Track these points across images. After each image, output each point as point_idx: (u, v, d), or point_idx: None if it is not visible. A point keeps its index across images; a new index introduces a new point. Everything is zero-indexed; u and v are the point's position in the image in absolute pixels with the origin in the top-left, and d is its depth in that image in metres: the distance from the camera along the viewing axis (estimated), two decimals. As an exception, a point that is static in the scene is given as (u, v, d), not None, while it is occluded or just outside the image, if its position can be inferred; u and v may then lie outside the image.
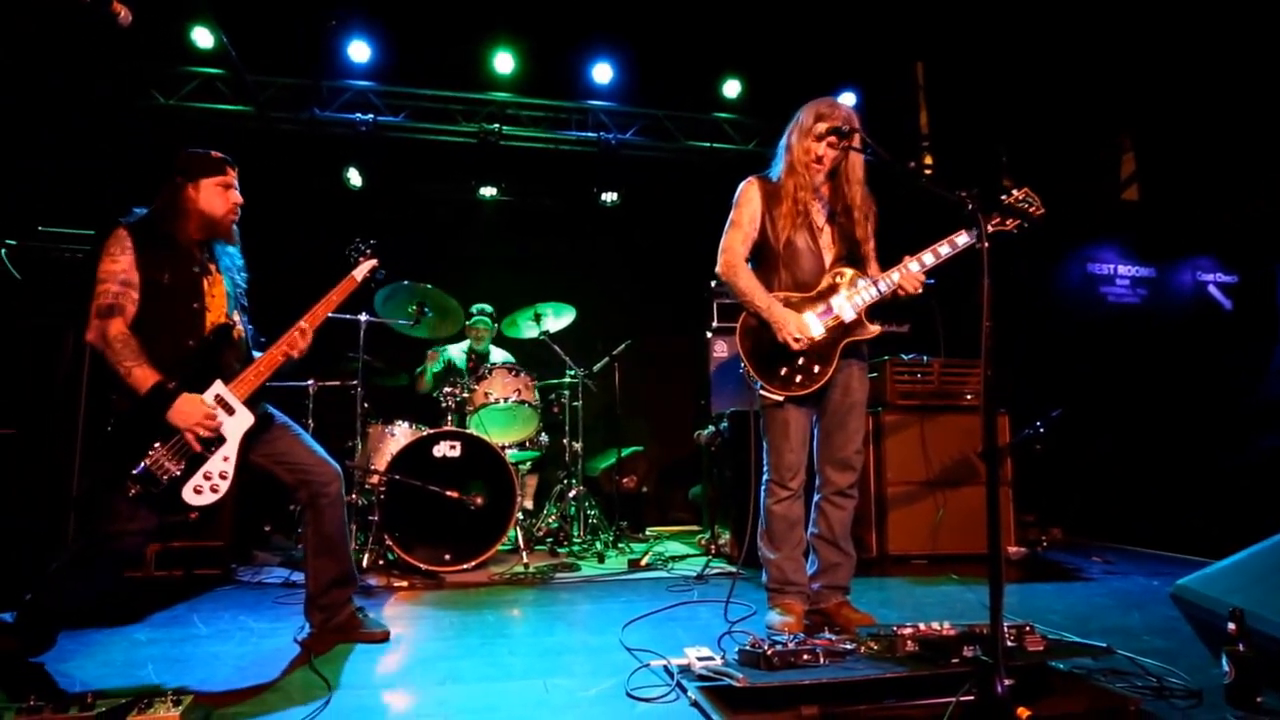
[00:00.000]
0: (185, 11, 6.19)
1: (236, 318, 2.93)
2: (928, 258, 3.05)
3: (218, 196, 2.90)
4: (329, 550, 3.01)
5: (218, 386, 2.74)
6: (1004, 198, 2.84)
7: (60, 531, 3.68)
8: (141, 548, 2.69)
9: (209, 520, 4.06)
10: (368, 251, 3.24)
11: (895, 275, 3.05)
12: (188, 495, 2.61)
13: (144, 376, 2.58)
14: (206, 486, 2.64)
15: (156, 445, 2.59)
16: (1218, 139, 7.19)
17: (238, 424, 2.76)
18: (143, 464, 2.56)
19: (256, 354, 2.94)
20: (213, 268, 2.92)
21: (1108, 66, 7.03)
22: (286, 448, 2.94)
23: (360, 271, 3.20)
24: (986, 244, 2.14)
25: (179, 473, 2.61)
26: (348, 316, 4.97)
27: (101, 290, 2.65)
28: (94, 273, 2.70)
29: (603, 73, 7.08)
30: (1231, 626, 2.08)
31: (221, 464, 2.69)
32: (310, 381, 5.35)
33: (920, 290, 3.07)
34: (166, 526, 3.75)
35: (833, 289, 3.09)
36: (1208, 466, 6.27)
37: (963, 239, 3.03)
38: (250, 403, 2.80)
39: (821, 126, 3.01)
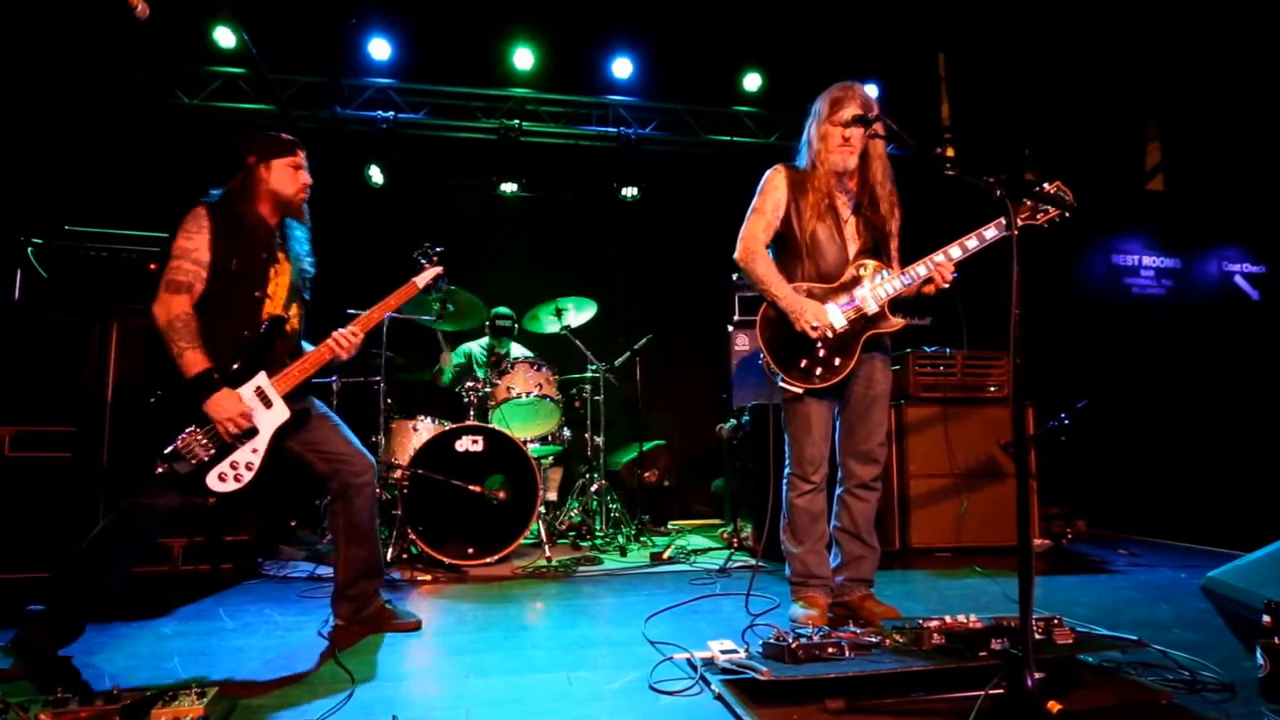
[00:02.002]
0: (207, 11, 6.25)
1: (293, 310, 2.98)
2: (955, 251, 3.01)
3: (289, 176, 2.97)
4: (360, 540, 3.04)
5: (261, 379, 2.79)
6: (1036, 189, 2.78)
7: (88, 526, 3.72)
8: (163, 525, 2.70)
9: (230, 512, 4.10)
10: (434, 258, 3.31)
11: (921, 268, 3.02)
12: (211, 481, 2.66)
13: (194, 361, 2.65)
14: (231, 475, 2.69)
15: (191, 428, 2.64)
16: (1244, 127, 7.07)
17: (273, 418, 2.79)
18: (174, 444, 2.61)
19: (307, 347, 2.99)
20: (281, 256, 2.98)
21: (1132, 54, 6.93)
22: (323, 437, 2.98)
23: (423, 278, 3.24)
24: (1016, 231, 2.11)
25: (207, 458, 2.65)
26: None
27: (174, 266, 2.73)
28: (168, 247, 2.78)
29: (622, 67, 7.08)
30: (1267, 619, 2.04)
31: (249, 455, 2.73)
32: (334, 378, 5.40)
33: (947, 284, 3.03)
34: (193, 520, 3.86)
35: (856, 280, 3.06)
36: (1235, 458, 6.18)
37: (991, 232, 2.97)
38: (291, 398, 2.84)
39: (845, 114, 2.98)
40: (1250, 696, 2.10)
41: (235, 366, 2.75)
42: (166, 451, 2.60)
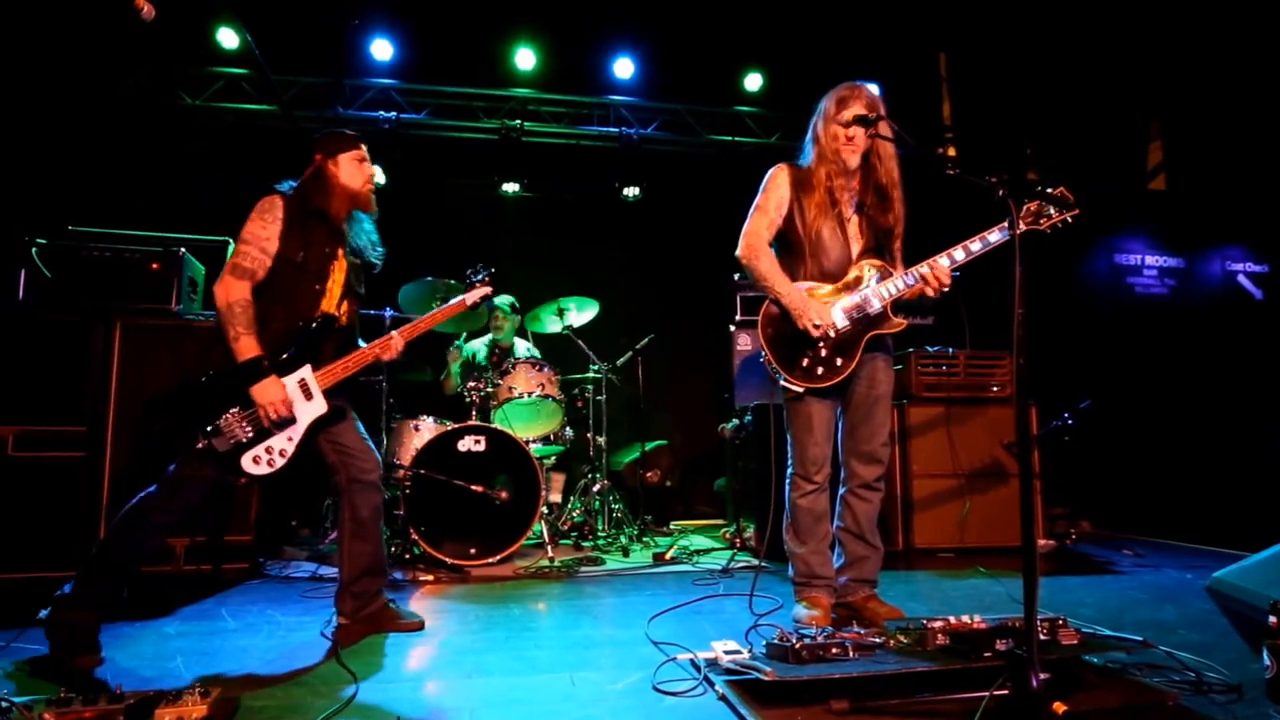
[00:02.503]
0: (210, 12, 6.26)
1: (344, 307, 3.06)
2: (958, 253, 2.98)
3: (355, 169, 3.06)
4: (363, 536, 3.07)
5: (305, 371, 2.87)
6: (1042, 189, 2.77)
7: (93, 525, 3.73)
8: (200, 499, 2.79)
9: (235, 512, 4.11)
10: (485, 278, 3.43)
11: (924, 268, 3.00)
12: (245, 462, 2.76)
13: (247, 346, 2.73)
14: (265, 459, 2.79)
15: (235, 409, 2.74)
16: (1247, 126, 7.06)
17: (311, 410, 2.88)
18: (217, 422, 2.72)
19: (361, 343, 3.11)
20: (342, 251, 3.04)
21: (1134, 53, 6.92)
22: (340, 429, 3.04)
23: (473, 296, 3.38)
24: (1019, 230, 2.10)
25: (245, 439, 2.75)
26: (371, 312, 5.01)
27: (243, 250, 2.80)
28: (238, 230, 2.85)
29: (624, 68, 7.08)
30: (1273, 619, 2.02)
31: (284, 442, 2.82)
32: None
33: (948, 287, 3.01)
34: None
35: (859, 280, 3.05)
36: (1240, 457, 6.17)
37: (995, 235, 2.94)
38: (331, 393, 2.92)
39: (847, 114, 2.97)
40: (1257, 698, 2.09)
41: (284, 356, 2.83)
42: (209, 428, 2.71)
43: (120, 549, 2.72)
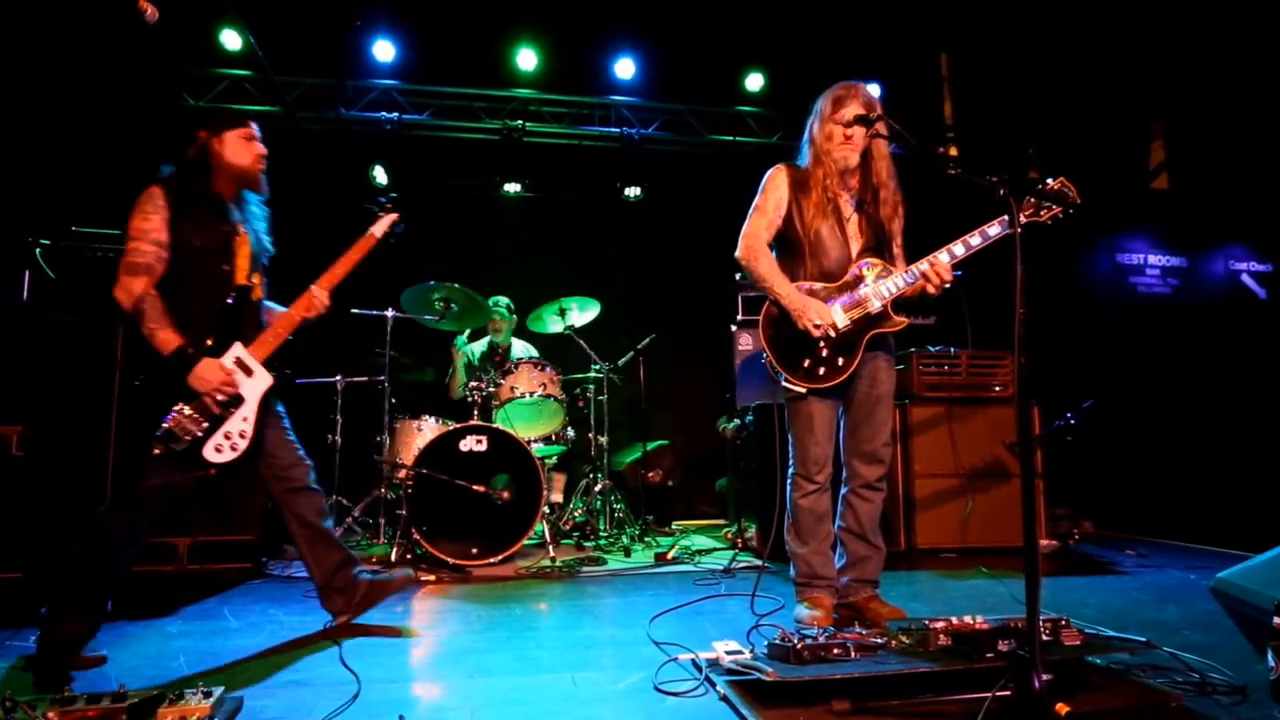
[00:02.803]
0: (213, 14, 6.26)
1: (256, 279, 2.96)
2: (958, 248, 2.98)
3: (242, 147, 2.94)
4: (319, 538, 3.03)
5: (237, 349, 2.81)
6: (1040, 186, 2.77)
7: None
8: (173, 503, 2.75)
9: (238, 511, 4.12)
10: (388, 205, 3.24)
11: (924, 265, 3.00)
12: (209, 453, 2.70)
13: (167, 339, 2.65)
14: (227, 445, 2.73)
15: (180, 406, 2.66)
16: (1250, 125, 7.04)
17: (257, 385, 2.83)
18: (165, 425, 2.63)
19: (276, 307, 3.02)
20: (240, 227, 2.95)
21: (1135, 53, 6.91)
22: (268, 435, 2.93)
23: (379, 227, 3.18)
24: (1020, 229, 2.10)
25: (200, 432, 2.69)
26: (373, 313, 5.01)
27: (132, 248, 2.70)
28: (124, 229, 2.74)
29: (625, 68, 7.08)
30: (1277, 620, 2.02)
31: (241, 424, 2.77)
32: (338, 378, 5.41)
33: (949, 283, 3.01)
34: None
35: (859, 279, 3.05)
36: (1244, 457, 6.16)
37: (994, 229, 2.94)
38: (269, 364, 2.87)
39: (845, 113, 2.97)
40: (1261, 699, 2.09)
41: (209, 341, 2.76)
42: (159, 433, 2.62)
43: (98, 560, 2.65)
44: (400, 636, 3.03)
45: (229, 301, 2.84)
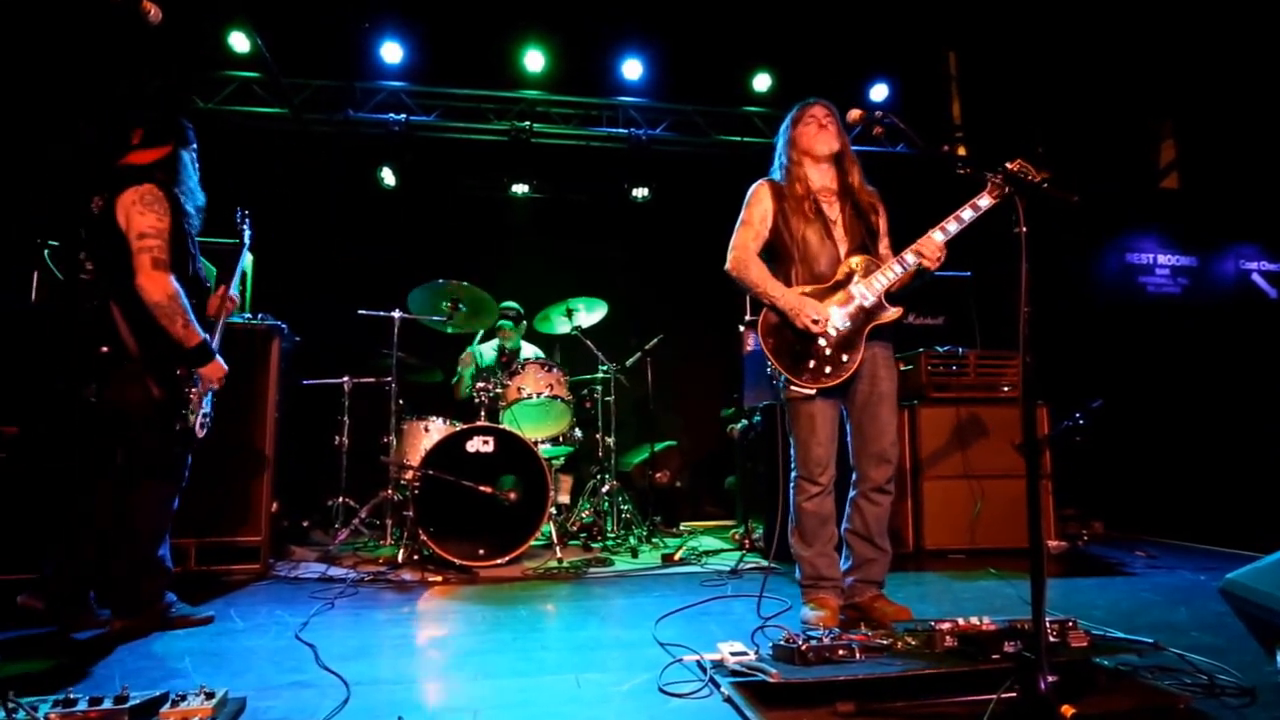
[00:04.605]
0: (222, 16, 6.29)
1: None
2: (951, 225, 2.97)
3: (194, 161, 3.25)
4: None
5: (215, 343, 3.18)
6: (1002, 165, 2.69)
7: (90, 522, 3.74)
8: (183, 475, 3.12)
9: (246, 512, 4.14)
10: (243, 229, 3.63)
11: (910, 256, 3.01)
12: (198, 431, 3.11)
13: (193, 333, 2.98)
14: (205, 423, 3.15)
15: (189, 390, 3.03)
16: (1260, 124, 6.99)
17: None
18: (189, 404, 3.03)
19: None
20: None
21: (1145, 52, 6.87)
22: None
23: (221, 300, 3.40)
24: (1024, 229, 2.09)
25: (199, 412, 3.09)
26: (380, 314, 5.02)
27: (153, 244, 2.90)
28: (132, 222, 2.90)
29: (632, 69, 7.08)
30: (1285, 622, 2.01)
31: (209, 405, 3.18)
32: (345, 379, 5.42)
33: (941, 259, 3.00)
34: (210, 524, 3.91)
35: (850, 277, 3.08)
36: (1254, 458, 6.11)
37: (984, 201, 2.91)
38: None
39: (809, 119, 3.20)
40: (1270, 701, 2.07)
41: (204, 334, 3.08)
42: (184, 411, 3.01)
43: (153, 542, 3.03)
44: (399, 637, 3.04)
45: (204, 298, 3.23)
